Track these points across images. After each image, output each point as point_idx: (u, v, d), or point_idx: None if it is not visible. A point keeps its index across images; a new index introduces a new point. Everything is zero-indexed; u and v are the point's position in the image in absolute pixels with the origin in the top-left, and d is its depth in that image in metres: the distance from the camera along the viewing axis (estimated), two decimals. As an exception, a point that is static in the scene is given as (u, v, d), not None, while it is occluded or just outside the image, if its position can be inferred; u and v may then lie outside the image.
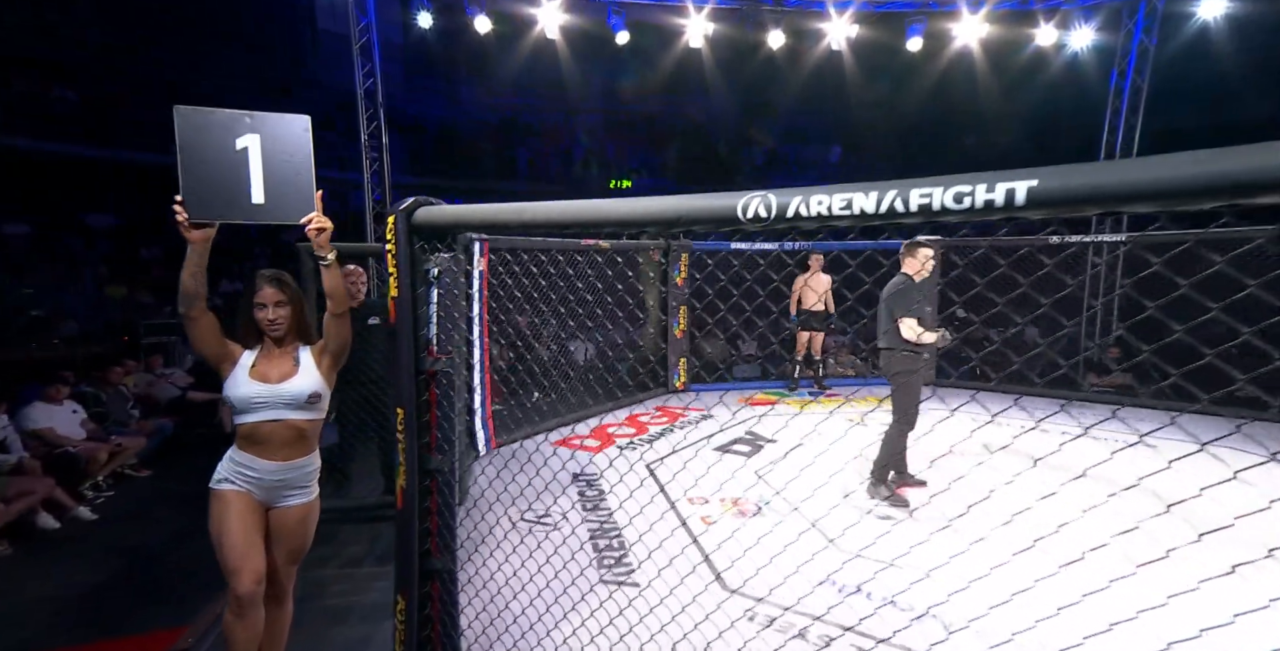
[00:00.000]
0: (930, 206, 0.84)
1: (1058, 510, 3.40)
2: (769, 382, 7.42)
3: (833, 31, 8.39)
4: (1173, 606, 1.57)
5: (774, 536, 3.41)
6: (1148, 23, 7.47)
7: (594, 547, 3.34)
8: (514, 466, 4.47)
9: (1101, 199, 0.74)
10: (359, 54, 7.07)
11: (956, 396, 6.97)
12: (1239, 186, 0.67)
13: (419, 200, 1.82)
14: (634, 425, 5.72)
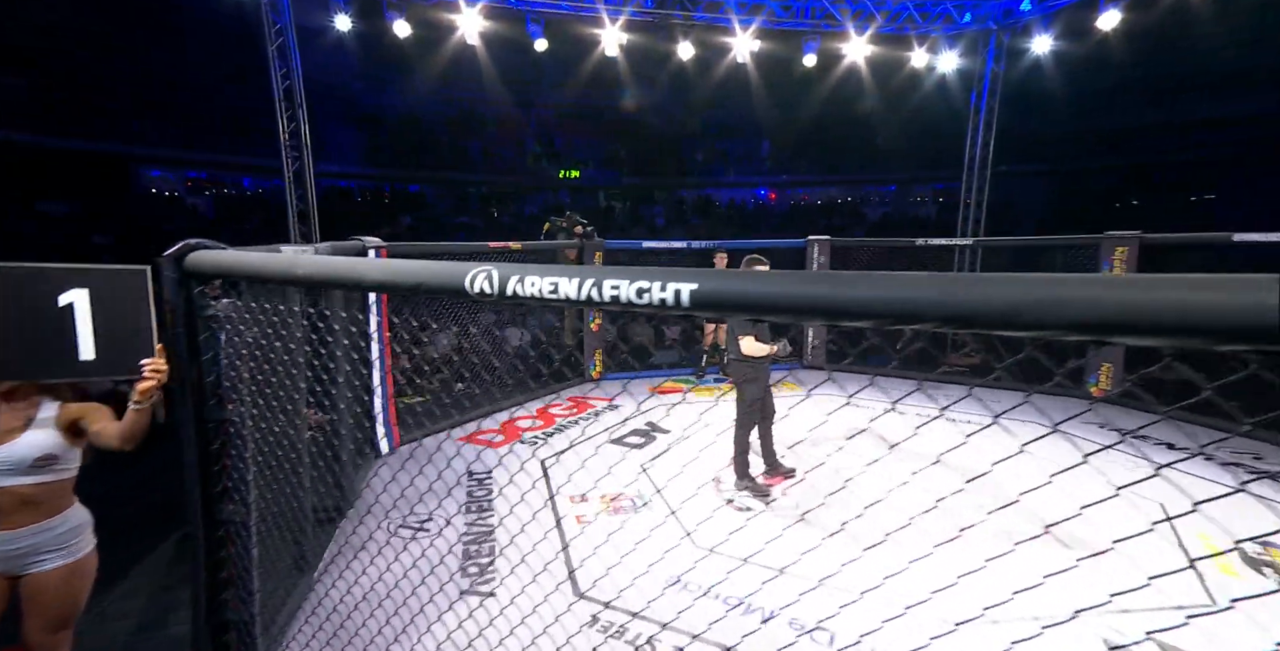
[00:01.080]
0: (619, 298, 0.80)
1: (910, 499, 3.22)
2: (679, 370, 7.18)
3: (738, 45, 8.04)
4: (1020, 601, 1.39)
5: (632, 534, 3.18)
6: (997, 53, 7.56)
7: (465, 554, 2.99)
8: (412, 467, 4.08)
9: (746, 307, 0.73)
10: (275, 55, 6.31)
11: (850, 380, 6.88)
12: (831, 311, 0.68)
13: (189, 244, 1.43)
14: (543, 418, 5.31)
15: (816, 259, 7.16)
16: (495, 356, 7.24)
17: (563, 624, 2.40)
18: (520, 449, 4.49)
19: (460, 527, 3.20)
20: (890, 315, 0.64)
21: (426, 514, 3.28)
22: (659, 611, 2.48)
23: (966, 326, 0.62)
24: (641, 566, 2.77)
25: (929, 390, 6.45)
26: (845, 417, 5.23)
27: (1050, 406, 5.73)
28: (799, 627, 2.51)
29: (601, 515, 3.42)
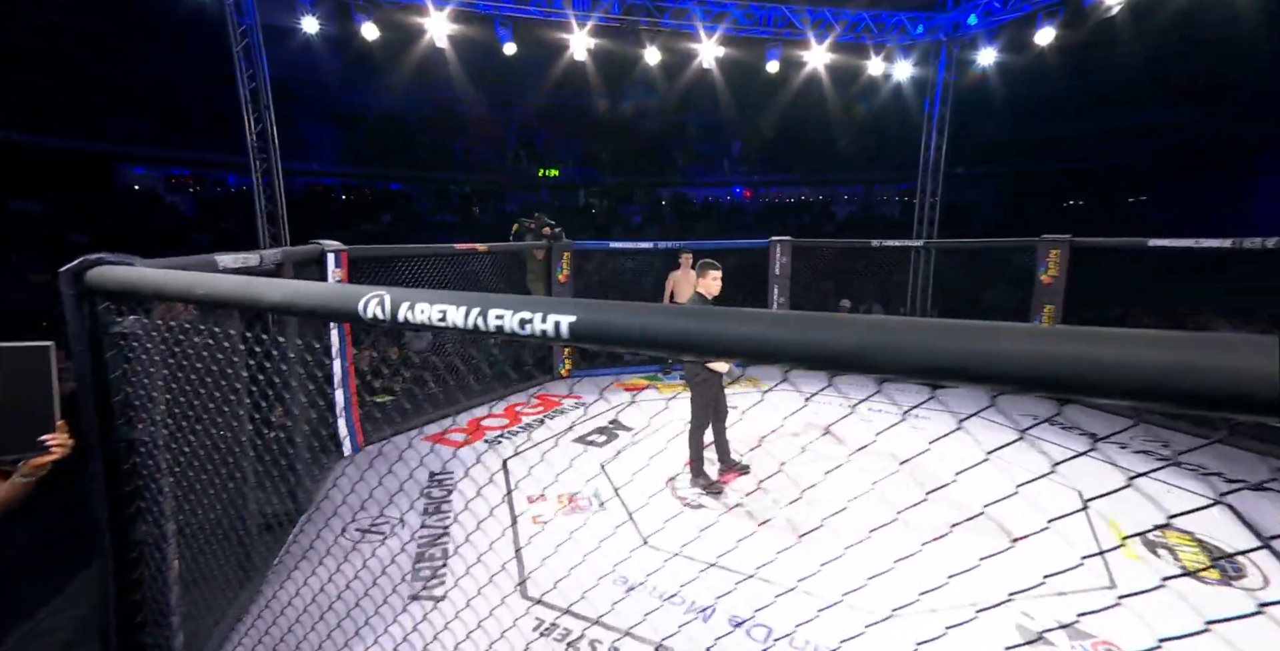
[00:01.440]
0: (503, 328, 0.77)
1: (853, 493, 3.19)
2: (647, 367, 7.15)
3: (703, 51, 7.97)
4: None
5: (587, 535, 3.14)
6: (948, 63, 7.61)
7: (417, 557, 2.90)
8: (380, 467, 4.00)
9: (622, 341, 0.71)
10: (241, 56, 6.09)
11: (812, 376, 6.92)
12: (700, 347, 0.66)
13: (88, 260, 1.34)
14: (509, 416, 5.22)
15: (779, 259, 7.18)
16: (472, 355, 7.16)
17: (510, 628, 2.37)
18: (484, 448, 4.42)
19: (416, 529, 3.11)
20: (752, 353, 0.64)
21: (383, 516, 3.20)
22: (606, 613, 2.45)
23: (820, 367, 0.61)
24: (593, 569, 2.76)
25: (884, 386, 6.50)
26: (803, 415, 5.26)
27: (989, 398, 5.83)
28: (734, 622, 2.49)
29: (558, 515, 3.36)
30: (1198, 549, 3.06)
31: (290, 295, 1.02)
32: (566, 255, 6.47)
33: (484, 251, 5.52)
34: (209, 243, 14.36)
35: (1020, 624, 2.49)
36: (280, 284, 1.06)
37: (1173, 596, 2.69)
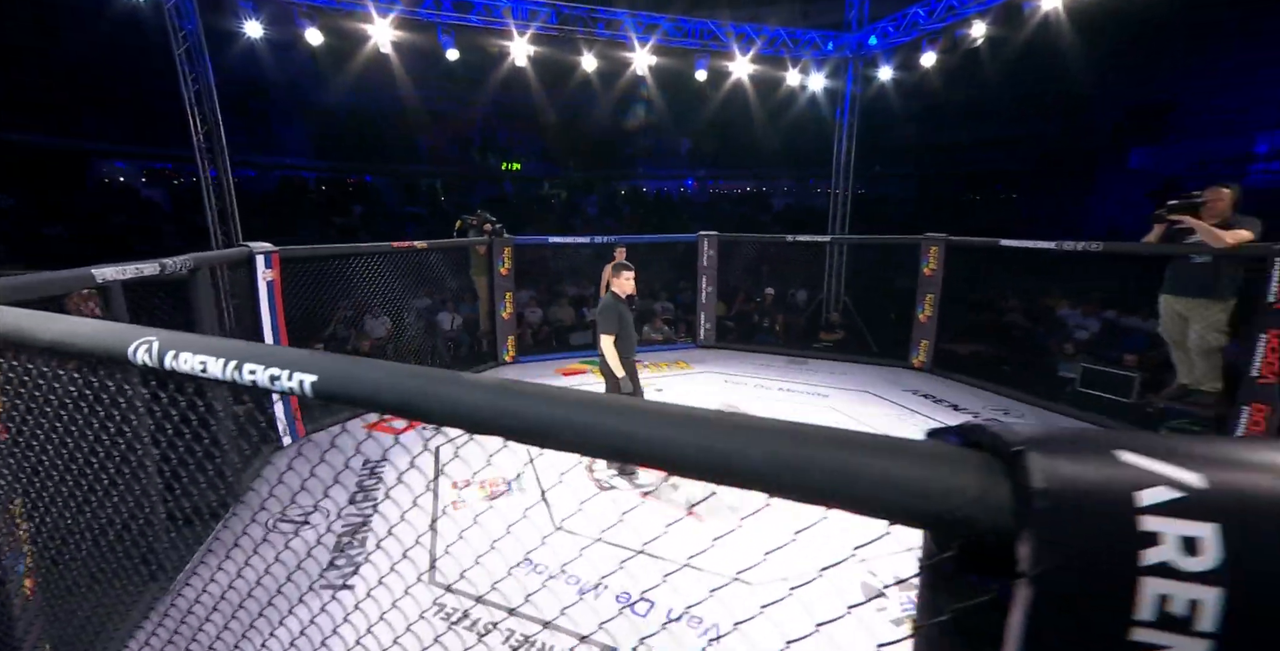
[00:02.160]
0: (256, 382, 0.72)
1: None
2: (588, 352, 7.11)
3: (637, 59, 7.79)
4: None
5: (502, 519, 3.14)
6: (855, 77, 7.66)
7: (336, 546, 2.80)
8: (313, 456, 3.89)
9: (366, 403, 0.67)
10: (184, 59, 5.61)
11: (738, 357, 6.99)
12: (421, 412, 0.65)
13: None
14: None
15: (706, 252, 7.20)
16: (426, 342, 6.98)
17: (416, 613, 2.34)
18: (420, 435, 4.32)
19: (341, 519, 3.03)
20: (458, 418, 0.63)
21: (311, 506, 3.12)
22: (514, 597, 2.45)
23: (530, 440, 0.60)
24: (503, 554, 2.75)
25: (800, 364, 6.60)
26: (723, 394, 5.34)
27: (886, 375, 6.03)
28: (624, 599, 2.50)
29: (479, 500, 3.32)
30: None
31: (63, 335, 0.93)
32: (507, 250, 6.33)
33: (422, 248, 5.33)
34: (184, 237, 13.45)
35: (865, 582, 2.61)
36: (57, 323, 0.96)
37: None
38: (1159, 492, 0.33)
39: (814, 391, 5.46)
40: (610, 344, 3.51)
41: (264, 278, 3.80)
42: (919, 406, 5.01)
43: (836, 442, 0.46)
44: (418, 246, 5.27)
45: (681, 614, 2.36)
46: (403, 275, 5.90)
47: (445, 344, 7.47)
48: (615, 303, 3.58)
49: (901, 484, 0.44)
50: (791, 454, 0.48)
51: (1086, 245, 4.22)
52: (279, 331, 3.93)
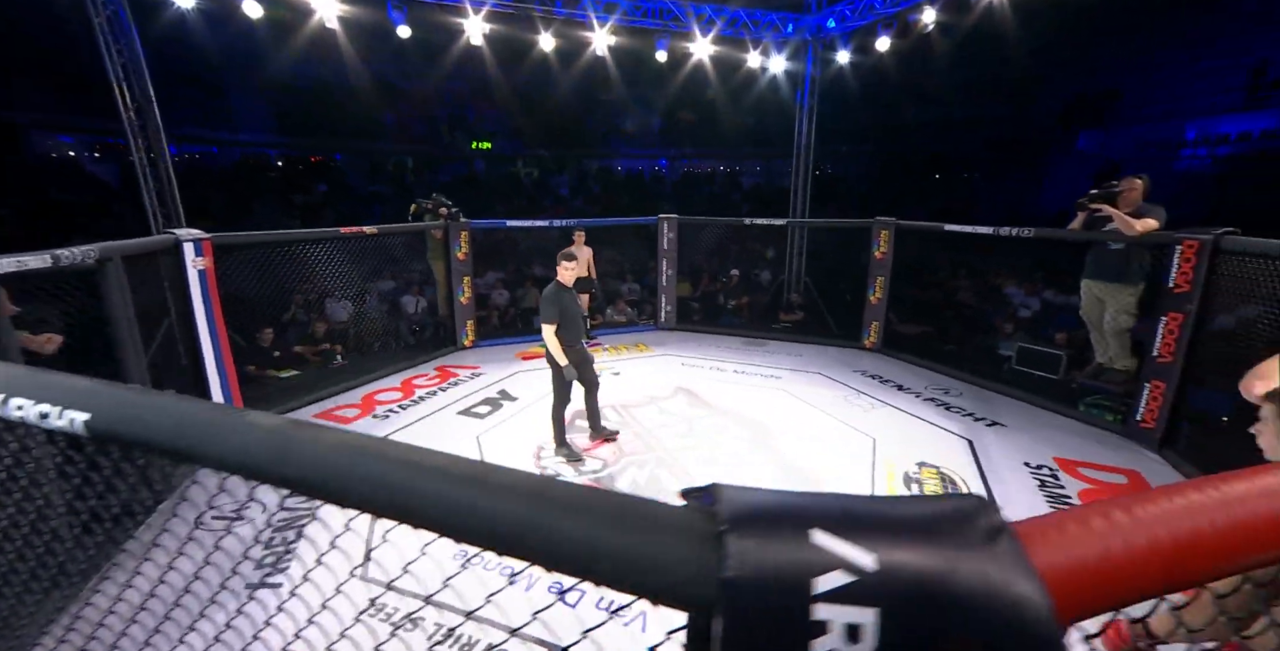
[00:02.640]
0: (25, 419, 0.63)
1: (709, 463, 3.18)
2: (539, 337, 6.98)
3: (596, 39, 7.50)
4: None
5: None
6: (814, 59, 7.55)
7: (266, 543, 2.71)
8: (257, 448, 3.75)
9: (140, 445, 0.59)
10: (104, 29, 5.14)
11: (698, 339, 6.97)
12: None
13: None
14: (404, 389, 4.99)
15: (666, 235, 7.12)
16: (389, 325, 6.79)
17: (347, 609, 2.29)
18: (371, 423, 4.23)
19: (274, 513, 2.94)
20: (233, 467, 0.56)
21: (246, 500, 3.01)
22: (444, 593, 2.42)
23: (307, 493, 0.53)
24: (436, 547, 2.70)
25: (759, 345, 6.62)
26: (679, 377, 5.33)
27: (838, 356, 6.10)
28: (554, 589, 2.50)
29: None
30: (939, 480, 3.37)
31: None
32: (464, 234, 6.13)
33: (372, 234, 5.11)
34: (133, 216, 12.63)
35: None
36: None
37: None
38: (834, 578, 0.32)
39: (768, 373, 5.51)
40: (551, 333, 3.47)
41: (195, 266, 3.59)
42: (866, 387, 5.11)
43: (577, 507, 0.42)
44: (367, 232, 5.05)
45: (610, 602, 2.37)
46: (361, 259, 5.70)
47: (409, 327, 7.29)
48: (556, 291, 3.52)
49: (631, 555, 0.40)
50: (531, 519, 0.43)
51: (1020, 231, 4.30)
52: (215, 324, 3.74)
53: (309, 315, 6.53)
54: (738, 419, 4.33)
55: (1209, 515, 0.37)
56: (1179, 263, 3.29)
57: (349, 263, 5.56)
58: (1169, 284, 3.37)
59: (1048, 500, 3.13)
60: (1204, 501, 0.38)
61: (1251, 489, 0.39)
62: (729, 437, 4.01)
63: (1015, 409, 4.52)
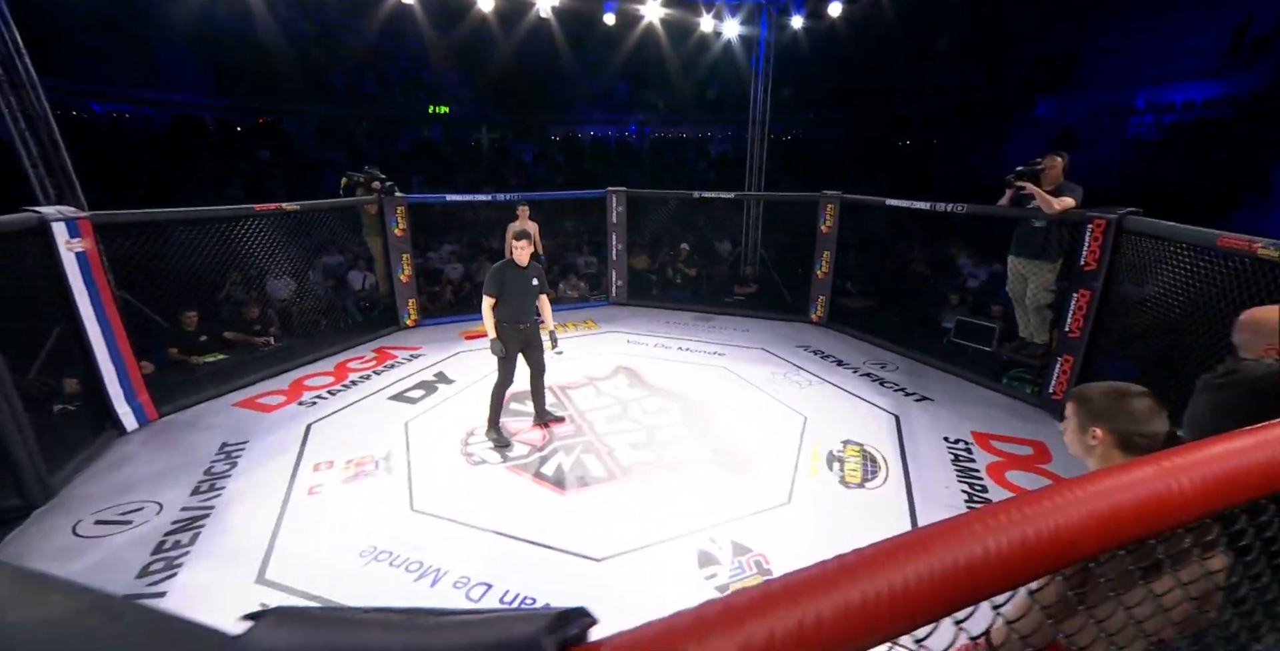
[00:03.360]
0: None
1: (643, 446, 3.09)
2: (493, 311, 6.75)
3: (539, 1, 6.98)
4: None
5: (361, 502, 2.95)
6: (769, 25, 7.21)
7: (156, 547, 2.51)
8: (161, 442, 3.54)
9: None
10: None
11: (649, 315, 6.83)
12: None
13: None
14: (338, 373, 4.74)
15: (615, 209, 6.87)
16: (336, 302, 6.48)
17: (234, 618, 2.18)
18: (296, 410, 4.02)
19: (173, 514, 2.77)
20: None
21: (139, 501, 2.84)
22: (342, 591, 2.33)
23: None
24: (343, 543, 2.59)
25: (707, 321, 6.53)
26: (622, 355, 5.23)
27: (785, 331, 6.08)
28: (463, 584, 2.40)
29: (340, 483, 3.10)
30: (860, 458, 3.41)
31: None
32: (400, 209, 5.79)
33: (293, 211, 4.75)
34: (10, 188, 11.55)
35: (702, 548, 2.65)
36: None
37: (826, 501, 2.98)
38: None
39: (712, 350, 5.46)
40: (487, 306, 3.34)
41: (70, 248, 3.25)
42: (806, 363, 5.11)
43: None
44: (287, 209, 4.68)
45: (517, 596, 2.32)
46: (299, 235, 5.34)
47: (357, 304, 6.98)
48: (502, 267, 3.38)
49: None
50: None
51: (954, 207, 4.24)
52: (105, 310, 3.43)
53: (248, 293, 6.16)
54: (675, 399, 4.29)
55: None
56: (1089, 241, 3.29)
57: (286, 239, 5.21)
58: (1080, 262, 3.38)
59: (958, 474, 3.19)
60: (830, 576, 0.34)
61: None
62: (663, 419, 3.96)
63: (946, 383, 4.59)
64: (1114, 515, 0.40)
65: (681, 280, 8.00)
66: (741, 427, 3.82)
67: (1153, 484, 0.43)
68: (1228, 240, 2.31)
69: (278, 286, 6.44)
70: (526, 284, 3.42)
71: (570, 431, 3.78)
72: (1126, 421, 1.08)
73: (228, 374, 4.55)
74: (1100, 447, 1.12)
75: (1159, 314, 2.71)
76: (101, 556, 2.43)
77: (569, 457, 3.44)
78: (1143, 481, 0.43)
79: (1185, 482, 0.44)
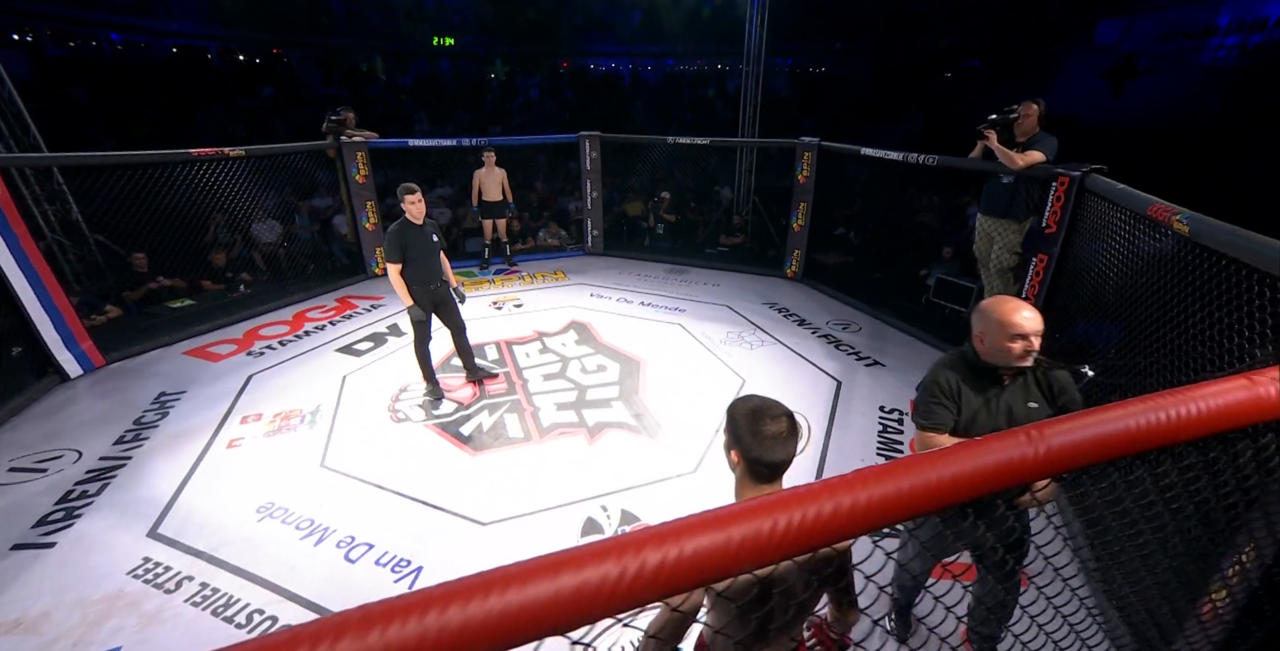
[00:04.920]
0: None
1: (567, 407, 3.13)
2: (465, 262, 6.56)
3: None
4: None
5: (275, 456, 2.95)
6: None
7: (62, 497, 2.56)
8: (101, 390, 3.59)
9: None
10: None
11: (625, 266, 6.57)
12: None
13: None
14: (294, 323, 4.70)
15: (589, 154, 6.43)
16: (321, 247, 6.41)
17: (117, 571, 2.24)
18: (244, 361, 4.03)
19: (89, 463, 2.82)
20: None
21: (61, 449, 2.90)
22: (228, 549, 2.37)
23: None
24: (243, 499, 2.61)
25: (681, 273, 6.26)
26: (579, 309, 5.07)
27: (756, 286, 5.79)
28: (346, 543, 2.40)
29: (262, 437, 3.11)
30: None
31: None
32: (361, 155, 5.50)
33: (239, 157, 4.52)
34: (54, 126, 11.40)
35: (591, 516, 2.61)
36: None
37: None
38: None
39: (673, 306, 5.24)
40: (395, 272, 3.16)
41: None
42: (765, 321, 4.87)
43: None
44: (230, 154, 4.46)
45: (394, 557, 2.33)
46: (278, 180, 5.19)
47: (343, 248, 6.89)
48: (400, 229, 3.14)
49: None
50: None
51: (925, 158, 3.76)
52: (26, 256, 3.35)
53: (233, 236, 6.09)
54: (617, 358, 4.15)
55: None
56: (1051, 201, 2.87)
57: (264, 182, 5.07)
58: (1041, 223, 2.97)
59: (880, 447, 3.03)
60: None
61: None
62: (598, 379, 3.85)
63: (905, 348, 4.32)
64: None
65: (664, 230, 7.62)
66: (674, 391, 3.69)
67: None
68: (1158, 209, 1.92)
69: (262, 230, 6.35)
70: (428, 242, 3.21)
71: (502, 389, 3.71)
72: (757, 449, 1.00)
73: (188, 320, 4.57)
74: (739, 471, 1.07)
75: (1098, 289, 2.37)
76: (7, 503, 2.51)
77: (491, 417, 3.39)
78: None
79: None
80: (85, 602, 2.08)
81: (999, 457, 0.51)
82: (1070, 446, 0.54)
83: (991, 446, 0.52)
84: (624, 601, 0.39)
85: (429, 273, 3.26)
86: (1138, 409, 0.55)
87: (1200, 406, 0.57)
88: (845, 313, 5.04)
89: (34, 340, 3.43)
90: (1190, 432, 0.57)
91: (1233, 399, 0.58)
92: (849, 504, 0.46)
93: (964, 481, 0.50)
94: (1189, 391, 0.58)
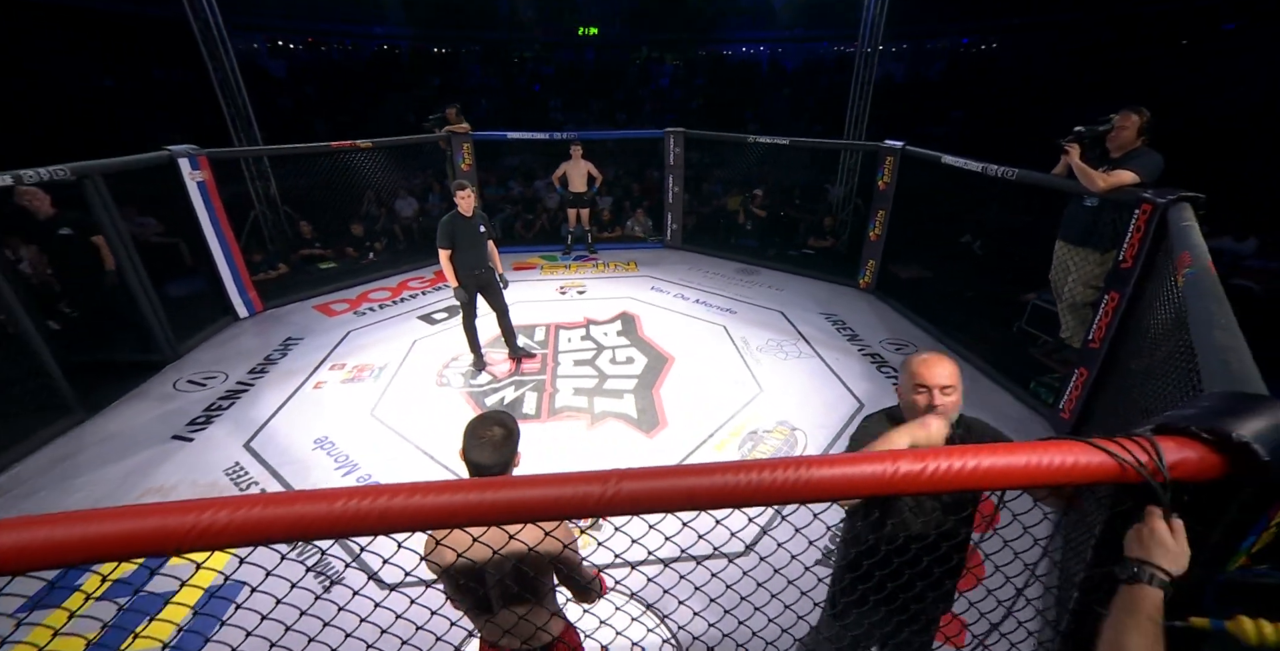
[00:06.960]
0: None
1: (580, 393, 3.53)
2: (551, 246, 7.01)
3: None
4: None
5: (343, 400, 3.54)
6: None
7: (209, 406, 3.39)
8: (256, 329, 4.56)
9: None
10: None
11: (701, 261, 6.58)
12: None
13: None
14: (396, 290, 5.45)
15: (673, 150, 6.42)
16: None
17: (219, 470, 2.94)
18: (350, 318, 4.83)
19: (230, 385, 3.63)
20: None
21: (218, 371, 3.81)
22: (288, 468, 2.96)
23: None
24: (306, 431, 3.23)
25: (752, 274, 6.08)
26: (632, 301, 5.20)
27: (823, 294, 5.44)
28: (364, 480, 2.88)
29: (340, 383, 3.72)
30: (782, 441, 3.11)
31: None
32: (466, 145, 6.12)
33: (367, 148, 5.31)
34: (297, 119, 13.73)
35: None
36: None
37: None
38: None
39: (726, 306, 5.14)
40: (445, 258, 3.55)
41: (193, 179, 4.13)
42: (814, 332, 4.58)
43: None
44: (361, 146, 5.26)
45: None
46: (415, 165, 6.11)
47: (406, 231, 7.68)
48: (451, 219, 3.52)
49: None
50: None
51: (1005, 172, 3.18)
52: (221, 229, 4.37)
53: (379, 209, 7.26)
54: (649, 352, 4.23)
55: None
56: (1131, 232, 2.28)
57: (400, 167, 6.07)
58: (1119, 257, 2.39)
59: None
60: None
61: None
62: (622, 371, 3.98)
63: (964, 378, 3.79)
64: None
65: (752, 226, 7.35)
66: (688, 391, 3.69)
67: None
68: (1184, 258, 1.45)
69: (403, 205, 7.45)
70: (475, 232, 3.53)
71: (535, 369, 4.01)
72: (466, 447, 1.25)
73: (325, 280, 5.57)
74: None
75: (1151, 347, 1.87)
76: (178, 406, 3.41)
77: (516, 393, 3.70)
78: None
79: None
80: (196, 484, 2.78)
81: (576, 491, 0.59)
82: (638, 492, 0.60)
83: (573, 479, 0.59)
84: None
85: (475, 259, 3.62)
86: (709, 471, 0.60)
87: (758, 478, 0.59)
88: (907, 332, 4.54)
89: (220, 288, 4.50)
90: (735, 499, 0.59)
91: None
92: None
93: (536, 505, 0.59)
94: (762, 466, 0.60)
